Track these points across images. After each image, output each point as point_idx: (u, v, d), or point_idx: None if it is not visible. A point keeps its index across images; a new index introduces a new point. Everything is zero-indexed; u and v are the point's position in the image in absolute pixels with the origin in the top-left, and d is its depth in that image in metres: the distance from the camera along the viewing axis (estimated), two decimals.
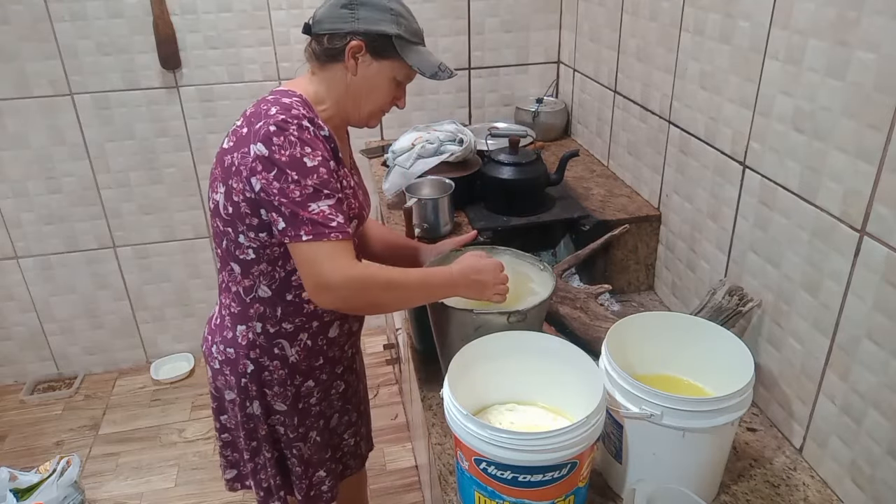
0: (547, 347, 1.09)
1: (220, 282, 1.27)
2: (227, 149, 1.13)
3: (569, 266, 1.61)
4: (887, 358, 0.96)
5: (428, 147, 1.85)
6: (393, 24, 1.14)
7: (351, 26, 1.13)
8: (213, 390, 1.35)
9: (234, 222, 1.14)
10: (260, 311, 1.22)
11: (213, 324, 1.30)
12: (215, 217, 1.18)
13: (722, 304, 1.27)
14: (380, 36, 1.14)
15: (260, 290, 1.20)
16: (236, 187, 1.10)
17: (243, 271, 1.19)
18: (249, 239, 1.15)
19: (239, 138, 1.11)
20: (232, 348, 1.25)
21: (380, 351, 2.70)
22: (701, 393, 1.11)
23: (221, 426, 1.39)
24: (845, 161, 1.01)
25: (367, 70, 1.16)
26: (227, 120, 2.44)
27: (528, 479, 0.90)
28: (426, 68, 1.18)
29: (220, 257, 1.24)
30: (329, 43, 1.15)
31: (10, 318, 2.61)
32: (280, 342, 1.25)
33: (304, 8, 2.31)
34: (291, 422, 1.31)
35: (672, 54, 1.55)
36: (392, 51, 1.16)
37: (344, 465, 1.49)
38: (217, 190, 1.15)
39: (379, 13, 1.14)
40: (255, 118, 1.10)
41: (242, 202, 1.11)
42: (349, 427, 1.46)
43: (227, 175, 1.12)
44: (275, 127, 1.05)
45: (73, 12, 2.20)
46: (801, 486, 1.11)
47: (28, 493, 2.03)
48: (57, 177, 2.41)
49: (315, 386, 1.32)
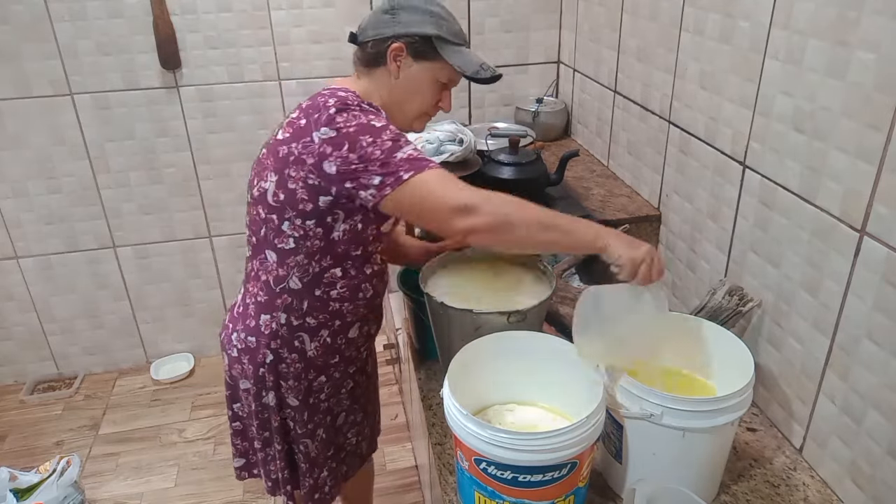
0: (547, 347, 1.09)
1: (249, 270, 1.28)
2: (283, 139, 1.14)
3: (569, 266, 1.61)
4: (887, 358, 0.96)
5: (428, 147, 1.85)
6: (433, 26, 1.17)
7: (392, 30, 1.17)
8: (228, 378, 1.36)
9: (283, 209, 1.15)
10: (287, 303, 1.23)
11: (236, 312, 1.31)
12: (258, 205, 1.19)
13: (722, 304, 1.27)
14: (420, 37, 1.17)
15: (291, 281, 1.21)
16: (295, 175, 1.11)
17: (279, 260, 1.20)
18: (294, 227, 1.15)
19: (296, 129, 1.12)
20: (253, 336, 1.26)
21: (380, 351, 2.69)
22: (703, 385, 1.11)
23: (234, 414, 1.41)
24: (845, 161, 1.01)
25: (409, 72, 1.19)
26: (228, 120, 2.44)
27: (528, 479, 0.90)
28: (467, 67, 1.20)
29: (253, 246, 1.25)
30: (372, 48, 1.19)
31: (10, 318, 2.61)
32: (301, 335, 1.26)
33: (304, 8, 2.31)
34: (301, 417, 1.32)
35: (672, 54, 1.55)
36: (433, 52, 1.18)
37: (347, 465, 1.49)
38: (266, 178, 1.16)
39: (419, 15, 1.17)
40: (312, 110, 1.12)
41: (301, 188, 1.11)
42: (353, 426, 1.47)
43: (283, 164, 1.13)
44: (335, 109, 1.08)
45: (73, 12, 2.20)
46: (801, 486, 1.11)
47: (28, 493, 2.03)
48: (57, 177, 2.41)
49: (327, 382, 1.33)
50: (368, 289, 1.28)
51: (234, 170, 2.52)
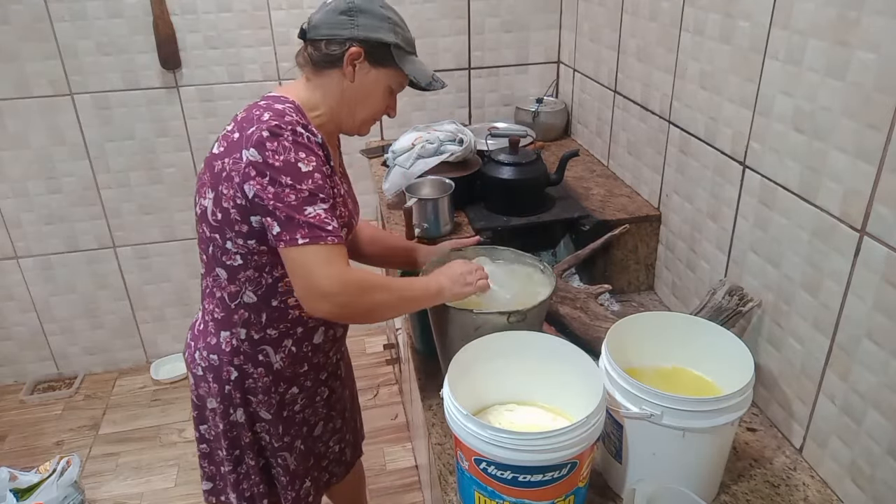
0: (547, 347, 1.09)
1: (204, 287, 1.26)
2: (217, 154, 1.12)
3: (569, 266, 1.61)
4: (887, 358, 0.96)
5: (428, 147, 1.85)
6: (391, 33, 1.15)
7: (350, 33, 1.13)
8: (195, 398, 1.33)
9: (223, 228, 1.13)
10: (244, 317, 1.21)
11: (197, 330, 1.29)
12: (202, 223, 1.17)
13: (722, 304, 1.27)
14: (379, 44, 1.15)
15: (245, 295, 1.19)
16: (226, 193, 1.09)
17: (230, 277, 1.18)
18: (237, 245, 1.14)
19: (230, 143, 1.10)
20: (216, 354, 1.24)
21: (380, 351, 2.71)
22: (707, 384, 1.11)
23: (200, 436, 1.37)
24: (845, 161, 1.01)
25: (364, 77, 1.17)
26: (227, 120, 2.43)
27: (528, 479, 0.90)
28: (421, 78, 1.19)
29: (204, 263, 1.23)
30: (327, 48, 1.14)
31: (10, 318, 2.61)
32: (264, 348, 1.24)
33: (304, 8, 2.31)
34: (276, 430, 1.31)
35: (672, 54, 1.55)
36: (389, 59, 1.16)
37: (329, 472, 1.48)
38: (205, 195, 1.14)
39: (378, 21, 1.14)
40: (246, 123, 1.09)
41: (233, 208, 1.10)
42: (334, 434, 1.45)
43: (217, 181, 1.11)
44: (268, 132, 1.04)
45: (73, 12, 2.20)
46: (801, 486, 1.11)
47: (28, 493, 2.03)
48: (57, 177, 2.41)
49: (299, 392, 1.31)
50: None
51: None
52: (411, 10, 2.34)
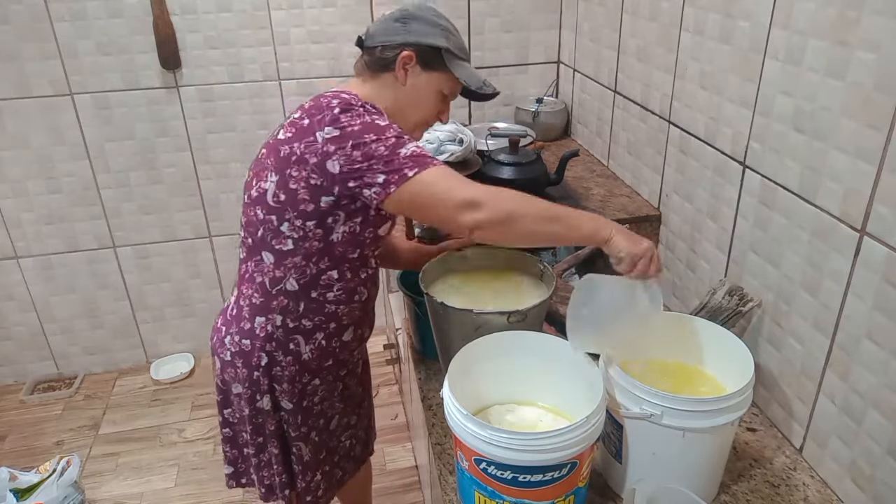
0: (547, 347, 1.09)
1: (243, 272, 1.28)
2: (284, 139, 1.14)
3: (569, 266, 1.61)
4: (887, 358, 0.96)
5: (428, 147, 1.85)
6: (442, 38, 1.19)
7: (403, 38, 1.18)
8: (220, 383, 1.35)
9: (284, 209, 1.14)
10: (283, 304, 1.23)
11: (229, 314, 1.31)
12: (256, 205, 1.18)
13: (722, 304, 1.27)
14: (430, 48, 1.19)
15: (288, 283, 1.21)
16: (296, 175, 1.11)
17: (276, 261, 1.20)
18: (294, 227, 1.15)
19: (299, 129, 1.12)
20: (248, 339, 1.26)
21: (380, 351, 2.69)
22: (709, 379, 1.11)
23: (224, 420, 1.40)
24: (845, 161, 1.01)
25: (416, 80, 1.21)
26: (228, 120, 2.44)
27: (528, 479, 0.90)
28: (472, 82, 1.23)
29: (248, 247, 1.25)
30: (381, 53, 1.19)
31: (10, 318, 2.61)
32: (296, 338, 1.25)
33: (304, 8, 2.31)
34: (295, 420, 1.32)
35: (672, 54, 1.55)
36: (440, 63, 1.20)
37: (342, 469, 1.49)
38: (266, 178, 1.16)
39: (429, 27, 1.19)
40: (315, 110, 1.12)
41: (302, 188, 1.11)
42: (347, 429, 1.46)
43: (285, 164, 1.12)
44: (339, 109, 1.09)
45: (73, 12, 2.20)
46: (801, 486, 1.11)
47: (28, 493, 2.03)
48: (57, 177, 2.41)
49: (320, 385, 1.33)
50: (363, 292, 1.28)
51: (234, 170, 2.52)
52: None
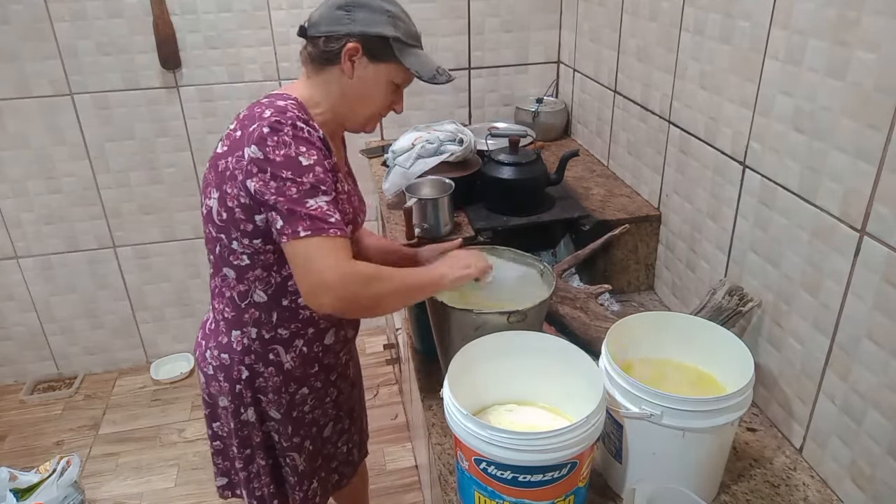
0: (547, 347, 1.09)
1: (213, 287, 1.25)
2: (221, 153, 1.12)
3: (569, 266, 1.61)
4: (887, 358, 0.96)
5: (428, 147, 1.85)
6: (390, 27, 1.12)
7: (347, 28, 1.11)
8: (206, 396, 1.34)
9: (228, 228, 1.13)
10: (255, 317, 1.21)
11: (207, 329, 1.29)
12: (208, 223, 1.16)
13: (722, 304, 1.27)
14: (377, 38, 1.12)
15: (255, 294, 1.19)
16: (231, 192, 1.09)
17: (238, 276, 1.18)
18: (243, 245, 1.13)
19: (233, 142, 1.10)
20: (226, 354, 1.24)
21: (380, 351, 2.70)
22: (712, 380, 1.11)
23: (213, 433, 1.38)
24: (845, 161, 1.01)
25: (363, 73, 1.14)
26: (227, 120, 2.42)
27: (528, 479, 0.90)
28: (424, 72, 1.16)
29: (212, 263, 1.22)
30: (325, 45, 1.13)
31: (10, 318, 2.61)
32: (275, 348, 1.24)
33: (304, 8, 2.31)
34: (286, 430, 1.30)
35: (672, 54, 1.55)
36: (389, 53, 1.14)
37: (339, 474, 1.48)
38: (210, 195, 1.14)
39: (376, 15, 1.12)
40: (248, 121, 1.08)
41: (237, 207, 1.09)
42: (342, 434, 1.45)
43: (222, 180, 1.10)
44: (268, 128, 1.04)
45: (73, 12, 2.20)
46: (801, 486, 1.11)
47: (28, 492, 2.03)
48: (57, 177, 2.41)
49: (309, 393, 1.31)
50: None
51: None
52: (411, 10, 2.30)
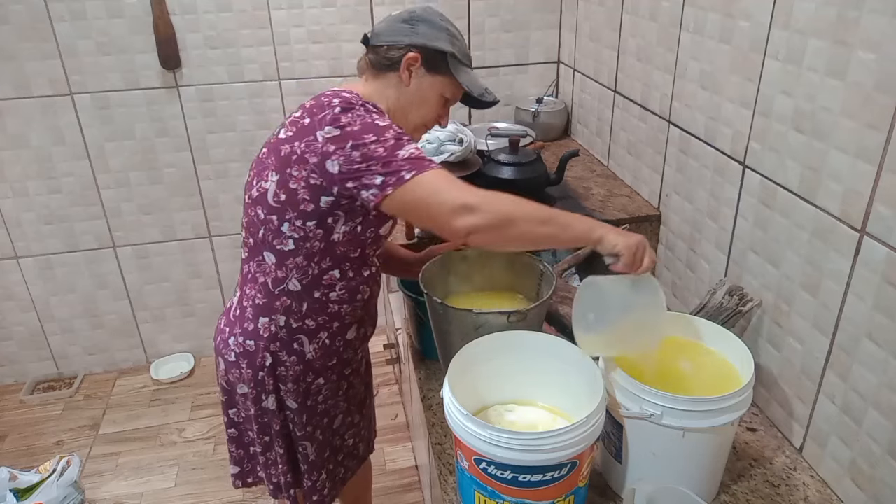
0: (547, 347, 1.09)
1: (245, 273, 1.27)
2: (285, 138, 1.14)
3: (569, 266, 1.61)
4: (887, 358, 0.96)
5: (428, 147, 1.85)
6: (448, 43, 1.20)
7: (410, 39, 1.19)
8: (225, 384, 1.35)
9: (284, 209, 1.14)
10: (286, 305, 1.23)
11: (232, 315, 1.30)
12: (257, 205, 1.18)
13: (722, 304, 1.27)
14: (436, 52, 1.20)
15: (291, 283, 1.21)
16: (297, 174, 1.11)
17: (278, 262, 1.20)
18: (294, 228, 1.15)
19: (300, 128, 1.12)
20: (252, 340, 1.26)
21: (380, 351, 2.69)
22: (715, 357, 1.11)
23: (229, 420, 1.40)
24: (845, 161, 1.01)
25: (419, 82, 1.21)
26: (227, 120, 2.44)
27: (528, 479, 0.90)
28: (474, 88, 1.23)
29: (249, 247, 1.24)
30: (387, 53, 1.20)
31: (10, 318, 2.61)
32: (300, 338, 1.25)
33: (304, 8, 2.31)
34: (300, 420, 1.32)
35: (672, 54, 1.55)
36: (445, 68, 1.21)
37: (345, 467, 1.49)
38: (267, 178, 1.16)
39: (436, 31, 1.20)
40: (317, 109, 1.12)
41: (302, 188, 1.11)
42: (350, 428, 1.47)
43: (285, 163, 1.12)
44: (340, 108, 1.09)
45: (73, 12, 2.20)
46: (801, 486, 1.11)
47: (28, 492, 2.03)
48: (57, 177, 2.41)
49: (324, 384, 1.33)
50: (366, 290, 1.28)
51: (234, 170, 2.52)
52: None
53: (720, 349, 1.11)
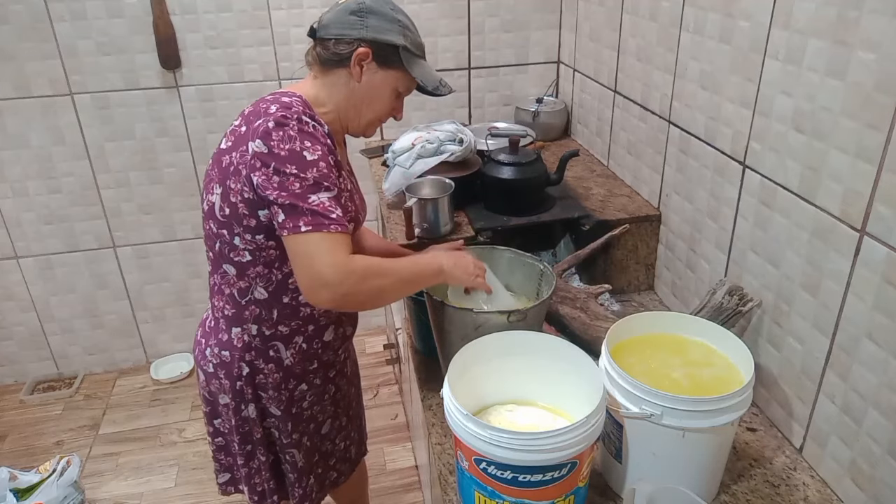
0: (547, 347, 1.09)
1: (212, 285, 1.25)
2: (225, 149, 1.12)
3: (569, 266, 1.61)
4: (887, 358, 0.96)
5: (428, 147, 1.85)
6: (400, 36, 1.16)
7: (359, 33, 1.14)
8: (207, 394, 1.34)
9: (231, 224, 1.13)
10: (255, 314, 1.21)
11: (207, 327, 1.29)
12: (209, 219, 1.17)
13: (722, 304, 1.27)
14: (387, 45, 1.16)
15: (256, 291, 1.19)
16: (234, 188, 1.09)
17: (238, 273, 1.18)
18: (245, 241, 1.14)
19: (237, 137, 1.10)
20: (227, 351, 1.24)
21: (380, 351, 2.70)
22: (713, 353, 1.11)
23: (215, 430, 1.38)
24: (845, 161, 1.01)
25: (371, 78, 1.17)
26: (227, 120, 2.43)
27: (528, 479, 0.90)
28: (428, 82, 1.21)
29: (211, 260, 1.23)
30: (335, 48, 1.15)
31: (10, 318, 2.61)
32: (275, 345, 1.24)
33: (305, 8, 2.31)
34: (285, 427, 1.31)
35: (672, 54, 1.55)
36: (397, 61, 1.17)
37: (337, 471, 1.48)
38: (213, 191, 1.14)
39: (387, 23, 1.15)
40: (253, 117, 1.09)
41: (240, 203, 1.10)
42: (340, 431, 1.46)
43: (225, 175, 1.11)
44: (273, 123, 1.05)
45: (73, 12, 2.20)
46: (801, 486, 1.11)
47: (28, 492, 2.03)
48: (57, 177, 2.41)
49: (308, 390, 1.32)
50: None
51: None
52: (411, 10, 2.32)
53: (720, 349, 1.11)
